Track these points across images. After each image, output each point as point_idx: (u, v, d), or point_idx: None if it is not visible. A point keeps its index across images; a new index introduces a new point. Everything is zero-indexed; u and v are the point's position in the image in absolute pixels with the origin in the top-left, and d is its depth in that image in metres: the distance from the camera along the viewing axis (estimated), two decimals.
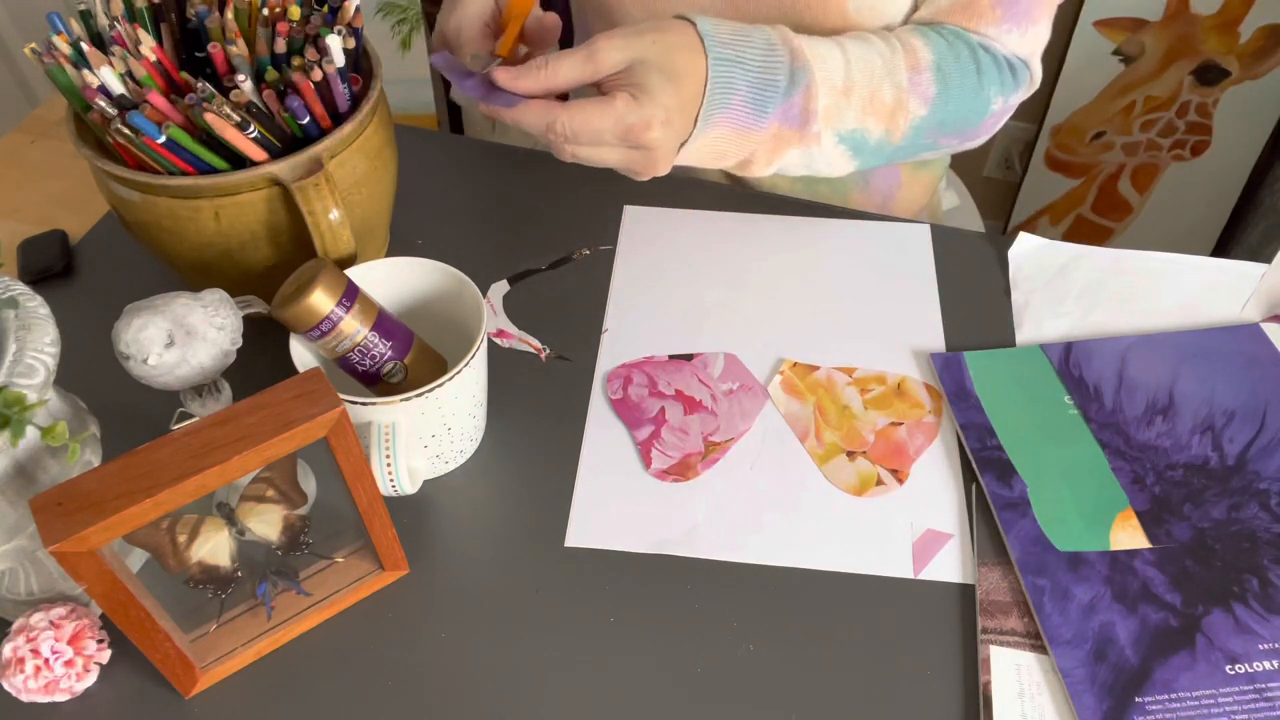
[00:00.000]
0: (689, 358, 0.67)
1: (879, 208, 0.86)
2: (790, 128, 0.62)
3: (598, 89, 0.58)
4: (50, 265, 0.73)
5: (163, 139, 0.54)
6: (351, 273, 0.58)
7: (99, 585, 0.45)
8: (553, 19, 0.61)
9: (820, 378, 0.66)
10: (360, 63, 0.62)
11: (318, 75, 0.56)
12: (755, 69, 0.60)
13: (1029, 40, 0.69)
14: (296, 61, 0.57)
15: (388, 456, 0.52)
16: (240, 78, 0.55)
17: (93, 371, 0.60)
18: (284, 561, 0.54)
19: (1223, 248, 1.63)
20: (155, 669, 0.51)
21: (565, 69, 0.55)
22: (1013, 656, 0.52)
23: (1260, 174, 1.54)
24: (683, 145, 0.60)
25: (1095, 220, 1.68)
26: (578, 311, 0.70)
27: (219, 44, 0.58)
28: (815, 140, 0.63)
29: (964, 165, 1.71)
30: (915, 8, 0.71)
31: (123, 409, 0.58)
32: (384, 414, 0.53)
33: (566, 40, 0.82)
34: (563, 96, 0.59)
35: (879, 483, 0.60)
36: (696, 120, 0.59)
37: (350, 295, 0.54)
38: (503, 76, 0.55)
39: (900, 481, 0.60)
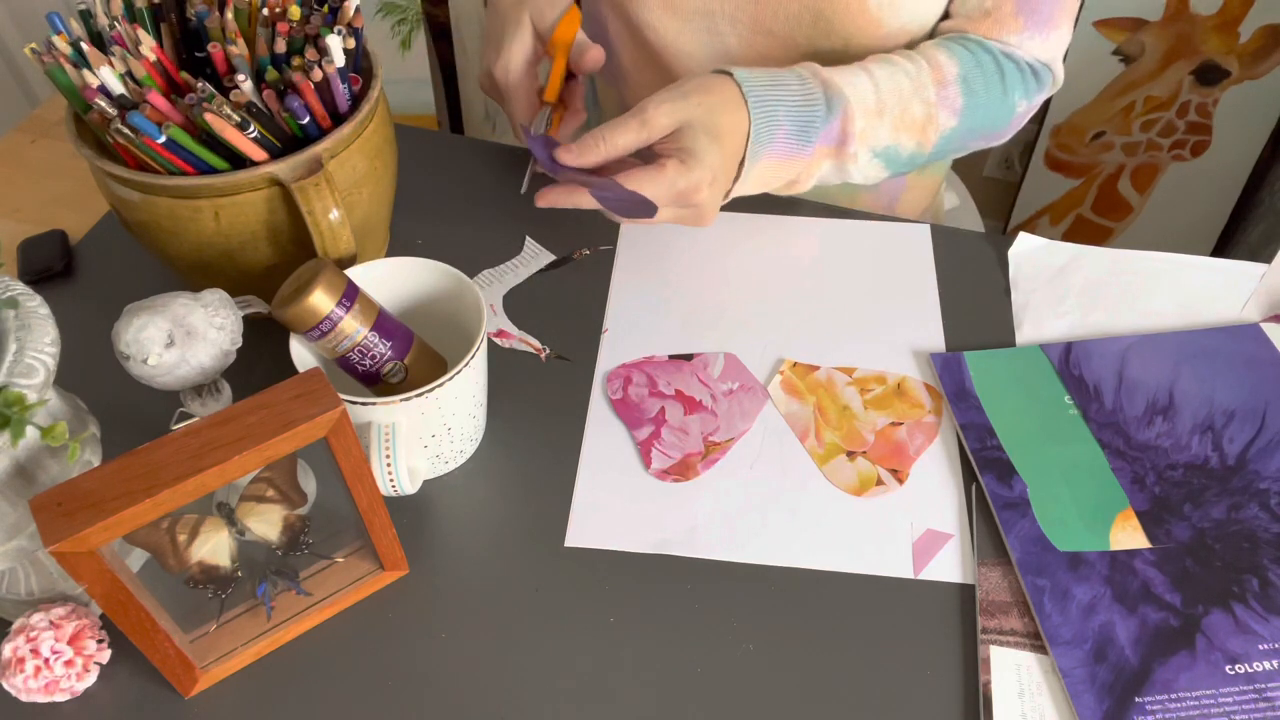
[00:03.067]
0: (689, 358, 0.67)
1: (885, 209, 0.87)
2: (829, 146, 0.66)
3: (650, 150, 0.61)
4: (50, 265, 0.73)
5: (163, 139, 0.54)
6: (351, 273, 0.58)
7: (99, 585, 0.45)
8: (595, 51, 0.66)
9: (820, 378, 0.66)
10: (360, 63, 0.62)
11: (318, 75, 0.56)
12: (795, 104, 0.63)
13: (1051, 45, 0.72)
14: (296, 61, 0.57)
15: (388, 456, 0.52)
16: (240, 78, 0.55)
17: (93, 371, 0.60)
18: (284, 561, 0.54)
19: (1223, 248, 1.62)
20: (155, 669, 0.51)
21: (621, 139, 0.59)
22: (1013, 656, 0.52)
23: (1260, 174, 1.54)
24: (729, 190, 0.64)
25: (1095, 220, 1.68)
26: (578, 311, 0.70)
27: (219, 44, 0.58)
28: (852, 159, 0.67)
29: (964, 165, 1.71)
30: (944, 10, 0.73)
31: (123, 409, 0.58)
32: (384, 414, 0.53)
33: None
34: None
35: (879, 483, 0.60)
36: (742, 164, 0.62)
37: (350, 295, 0.54)
38: (567, 157, 0.59)
39: (900, 481, 0.60)
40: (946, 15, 0.73)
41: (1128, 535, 0.56)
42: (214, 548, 0.50)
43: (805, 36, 0.72)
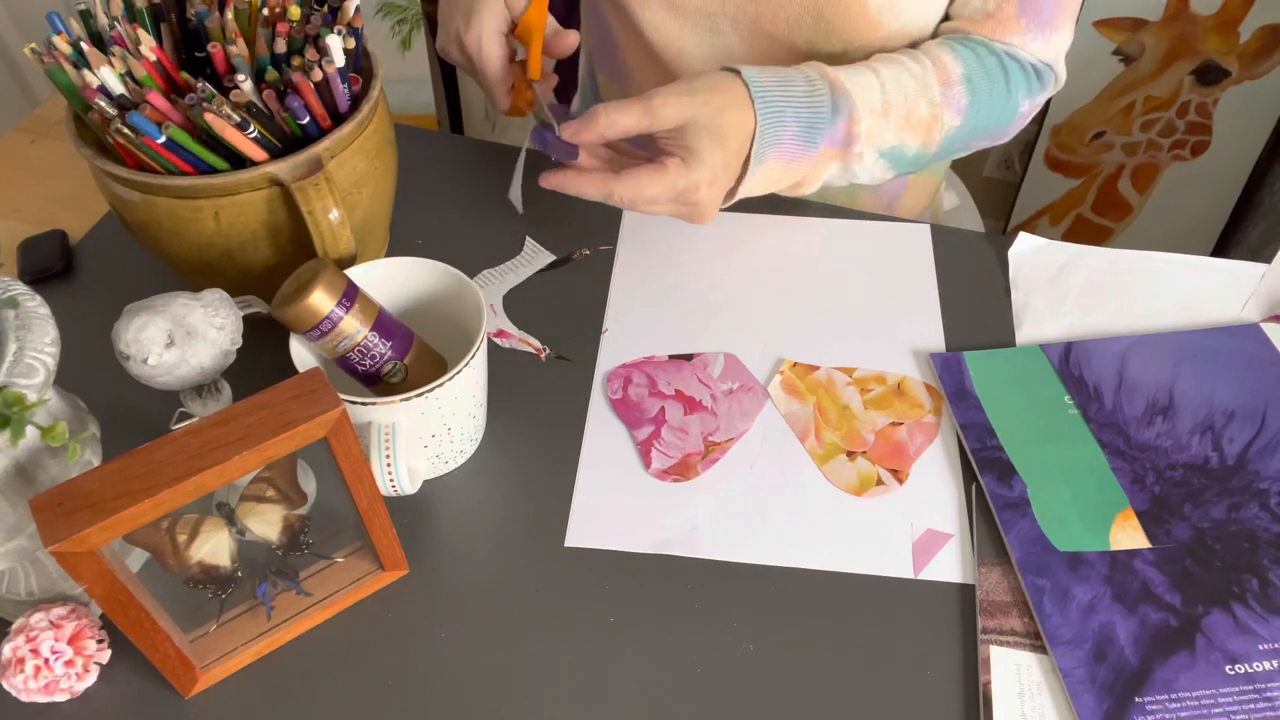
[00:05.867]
0: (689, 358, 0.67)
1: (885, 208, 0.87)
2: (834, 148, 0.66)
3: (650, 139, 0.62)
4: (50, 265, 0.73)
5: (163, 139, 0.54)
6: (351, 273, 0.58)
7: (99, 585, 0.45)
8: (572, 36, 0.66)
9: (820, 378, 0.66)
10: (360, 63, 0.62)
11: (318, 75, 0.56)
12: (802, 106, 0.63)
13: (1053, 46, 0.72)
14: (296, 61, 0.57)
15: (388, 456, 0.52)
16: (240, 78, 0.55)
17: (93, 371, 0.60)
18: (284, 561, 0.54)
19: (1223, 248, 1.62)
20: (155, 669, 0.51)
21: (623, 121, 0.60)
22: (1013, 656, 0.52)
23: (1260, 174, 1.54)
24: (734, 188, 0.65)
25: (1095, 220, 1.68)
26: (578, 311, 0.70)
27: (219, 44, 0.58)
28: (857, 159, 0.67)
29: (964, 165, 1.71)
30: (944, 11, 0.73)
31: (123, 409, 0.58)
32: (384, 414, 0.53)
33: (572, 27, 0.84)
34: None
35: (879, 483, 0.60)
36: (746, 163, 0.63)
37: (350, 295, 0.54)
38: (567, 132, 0.61)
39: (900, 481, 0.60)
40: (947, 17, 0.73)
41: (1128, 535, 0.56)
42: (214, 548, 0.50)
43: (805, 39, 0.72)
